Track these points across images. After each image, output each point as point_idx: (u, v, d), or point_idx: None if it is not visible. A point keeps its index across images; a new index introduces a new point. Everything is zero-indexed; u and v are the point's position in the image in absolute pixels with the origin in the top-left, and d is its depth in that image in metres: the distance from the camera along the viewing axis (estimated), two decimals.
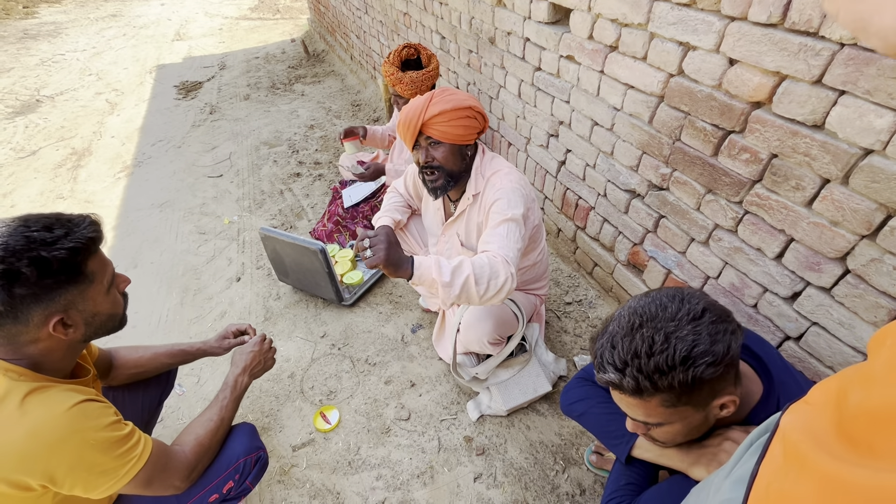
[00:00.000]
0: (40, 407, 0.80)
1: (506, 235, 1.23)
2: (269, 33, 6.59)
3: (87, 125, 4.14)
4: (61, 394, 0.83)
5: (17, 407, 0.78)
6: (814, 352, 1.16)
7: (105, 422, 0.85)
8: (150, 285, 2.30)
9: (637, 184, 1.56)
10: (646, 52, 1.35)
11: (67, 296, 0.83)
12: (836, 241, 1.03)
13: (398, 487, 1.42)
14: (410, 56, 2.15)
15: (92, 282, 0.86)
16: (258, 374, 1.27)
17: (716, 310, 0.75)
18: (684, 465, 0.91)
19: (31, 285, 0.77)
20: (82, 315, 0.86)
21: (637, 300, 0.81)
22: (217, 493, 1.06)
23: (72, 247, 0.81)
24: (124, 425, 0.89)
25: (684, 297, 0.78)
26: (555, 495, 1.37)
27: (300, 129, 3.73)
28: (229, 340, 1.36)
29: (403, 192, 1.68)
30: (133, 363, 1.22)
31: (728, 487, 0.49)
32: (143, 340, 2.00)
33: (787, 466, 0.34)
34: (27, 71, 5.56)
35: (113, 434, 0.85)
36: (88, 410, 0.84)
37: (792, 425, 0.39)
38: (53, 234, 0.80)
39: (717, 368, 0.72)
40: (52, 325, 0.81)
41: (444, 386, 1.70)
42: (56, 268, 0.79)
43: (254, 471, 1.14)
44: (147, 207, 2.93)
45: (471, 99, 1.34)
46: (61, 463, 0.79)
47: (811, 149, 1.01)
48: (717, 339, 0.72)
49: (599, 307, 1.94)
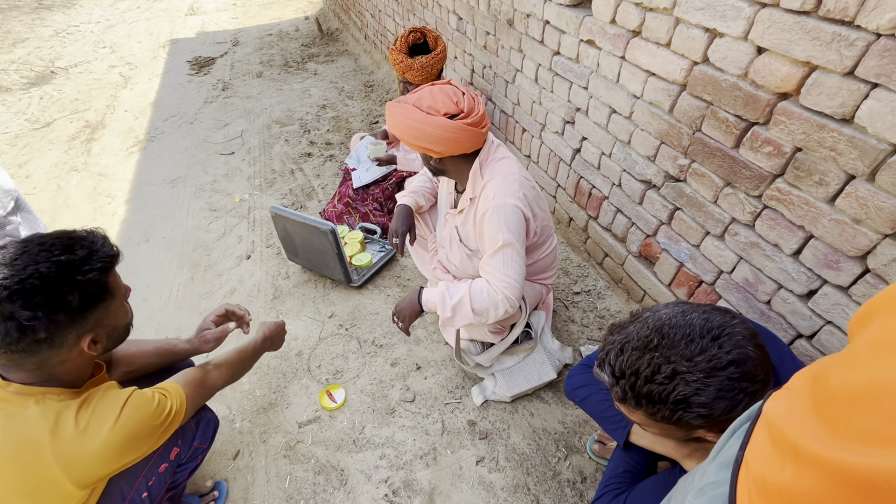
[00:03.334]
0: (97, 417, 0.84)
1: (503, 264, 1.24)
2: (283, 10, 6.50)
3: (100, 98, 4.15)
4: (106, 397, 0.88)
5: (74, 424, 0.82)
6: (826, 351, 1.15)
7: (153, 404, 0.92)
8: (162, 260, 2.33)
9: (653, 174, 1.53)
10: (670, 38, 1.31)
11: (97, 314, 0.85)
12: (857, 240, 1.00)
13: (401, 467, 1.44)
14: (417, 40, 2.11)
15: (114, 297, 0.89)
16: (271, 347, 1.36)
17: (747, 364, 0.67)
18: (678, 455, 0.91)
19: (72, 310, 0.79)
20: (106, 330, 0.89)
21: (672, 313, 0.74)
22: (165, 462, 1.07)
23: (101, 266, 0.83)
24: (163, 397, 0.96)
25: (722, 335, 0.69)
26: (556, 482, 1.38)
27: (312, 109, 3.71)
28: (209, 331, 1.27)
29: (430, 174, 1.67)
30: (126, 361, 1.19)
31: (713, 471, 0.49)
32: (155, 314, 2.03)
33: (780, 456, 0.33)
34: (42, 42, 5.56)
35: (161, 411, 0.93)
36: (136, 401, 0.90)
37: (775, 412, 0.39)
38: (77, 255, 0.81)
39: (709, 421, 0.68)
40: (86, 344, 0.84)
41: (450, 370, 1.71)
42: (91, 290, 0.81)
43: (198, 432, 1.16)
44: (159, 182, 2.94)
45: (433, 128, 1.18)
46: (137, 451, 0.90)
47: (838, 143, 0.98)
48: (725, 396, 0.66)
49: (608, 298, 1.93)
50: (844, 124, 0.97)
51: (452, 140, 1.20)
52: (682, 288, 1.57)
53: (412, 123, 1.20)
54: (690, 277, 1.52)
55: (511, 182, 1.25)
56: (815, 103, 1.00)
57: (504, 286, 1.22)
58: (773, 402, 0.41)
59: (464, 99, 1.22)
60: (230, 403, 1.64)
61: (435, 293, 1.31)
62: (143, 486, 1.02)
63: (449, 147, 1.22)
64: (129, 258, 2.33)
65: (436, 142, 1.20)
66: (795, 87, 1.03)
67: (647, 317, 0.77)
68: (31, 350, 0.78)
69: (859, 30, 0.89)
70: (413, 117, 1.19)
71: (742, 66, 1.13)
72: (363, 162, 2.51)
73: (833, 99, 0.96)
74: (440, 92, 1.21)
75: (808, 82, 1.00)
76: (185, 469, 1.16)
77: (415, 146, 1.24)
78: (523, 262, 1.26)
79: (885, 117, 0.89)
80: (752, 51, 1.10)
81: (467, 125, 1.19)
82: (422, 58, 2.01)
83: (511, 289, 1.22)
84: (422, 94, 1.22)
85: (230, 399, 1.65)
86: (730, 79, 1.17)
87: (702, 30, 1.21)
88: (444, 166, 1.32)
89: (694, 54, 1.25)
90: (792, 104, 1.05)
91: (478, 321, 1.28)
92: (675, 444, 0.89)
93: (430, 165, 1.35)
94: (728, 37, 1.14)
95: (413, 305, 1.38)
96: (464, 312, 1.26)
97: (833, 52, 0.94)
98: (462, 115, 1.19)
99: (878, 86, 0.89)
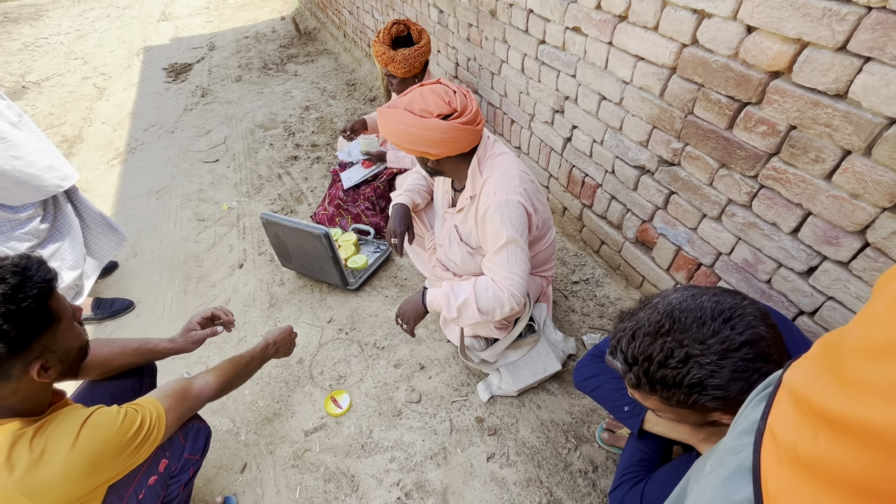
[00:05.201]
0: (53, 441, 0.83)
1: (507, 261, 1.23)
2: (257, 11, 6.38)
3: (75, 111, 4.04)
4: (64, 421, 0.85)
5: (28, 452, 0.80)
6: (829, 326, 1.15)
7: (117, 420, 0.90)
8: (152, 274, 2.28)
9: (647, 160, 1.53)
10: (657, 21, 1.29)
11: (42, 341, 0.82)
12: (855, 214, 1.01)
13: (412, 469, 1.43)
14: (401, 33, 2.08)
15: (59, 320, 0.86)
16: (277, 355, 1.39)
17: (760, 345, 0.67)
18: (694, 440, 0.91)
19: (10, 341, 0.76)
20: (56, 355, 0.86)
21: (682, 297, 0.74)
22: (154, 475, 1.05)
23: (36, 293, 0.80)
24: (133, 411, 0.94)
25: (734, 316, 0.69)
26: (568, 473, 1.38)
27: (295, 111, 3.65)
28: (196, 332, 1.29)
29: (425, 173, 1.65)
30: (100, 362, 1.17)
31: (733, 437, 0.48)
32: (149, 330, 1.99)
33: (810, 426, 0.33)
34: (10, 56, 5.39)
35: (129, 427, 0.91)
36: (97, 420, 0.88)
37: (796, 378, 0.38)
38: (9, 283, 0.78)
39: (725, 403, 0.68)
40: (35, 371, 0.81)
41: (454, 368, 1.70)
42: (29, 318, 0.79)
43: (187, 443, 1.14)
44: (143, 195, 2.88)
45: (428, 131, 1.15)
46: (111, 469, 0.89)
47: (833, 119, 0.98)
48: (739, 376, 0.66)
49: (607, 285, 1.93)
50: (838, 100, 0.96)
51: (449, 141, 1.17)
52: (680, 271, 1.58)
53: (406, 128, 1.16)
54: (689, 260, 1.52)
55: (511, 178, 1.23)
56: (807, 80, 1.00)
57: (509, 283, 1.21)
58: (793, 370, 0.40)
59: (456, 97, 1.19)
60: (233, 416, 1.61)
61: (439, 294, 1.30)
62: (133, 500, 1.00)
63: (446, 148, 1.19)
64: (118, 274, 2.28)
65: (432, 144, 1.17)
66: (787, 64, 1.02)
67: (656, 302, 0.76)
68: None
69: (850, 3, 0.88)
70: (406, 122, 1.16)
71: (732, 46, 1.12)
72: (354, 156, 2.47)
73: (826, 75, 0.96)
74: (431, 93, 1.18)
75: (800, 59, 1.00)
76: (178, 481, 1.14)
77: (411, 150, 1.21)
78: (527, 258, 1.25)
79: (879, 91, 0.89)
80: (741, 30, 1.09)
81: (462, 124, 1.16)
82: (404, 50, 1.98)
83: (516, 286, 1.21)
84: (412, 96, 1.19)
85: (233, 412, 1.63)
86: (720, 59, 1.16)
87: (690, 11, 1.20)
88: (441, 167, 1.30)
89: (683, 37, 1.24)
90: (784, 82, 1.05)
91: (484, 320, 1.27)
92: (691, 429, 0.89)
93: (428, 167, 1.33)
94: (717, 17, 1.13)
95: (417, 307, 1.36)
96: (469, 312, 1.25)
97: (824, 28, 0.93)
98: (456, 115, 1.16)
99: (871, 59, 0.89)
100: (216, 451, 1.51)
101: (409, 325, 1.39)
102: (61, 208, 1.80)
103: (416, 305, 1.37)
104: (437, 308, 1.32)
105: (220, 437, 1.55)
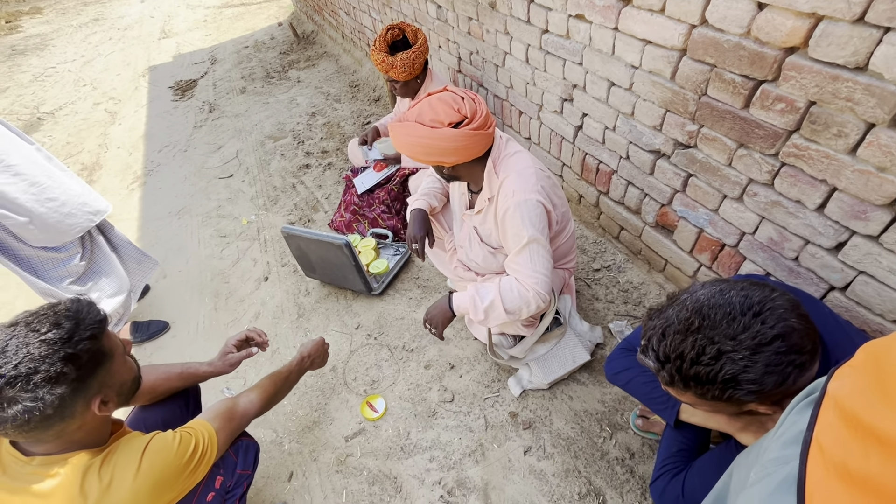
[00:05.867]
0: (119, 469, 0.88)
1: (530, 260, 1.24)
2: (254, 19, 6.40)
3: (91, 138, 4.14)
4: (126, 449, 0.91)
5: (98, 481, 0.86)
6: (861, 301, 1.14)
7: (174, 445, 0.95)
8: (183, 294, 2.35)
9: (661, 143, 1.51)
10: (664, 3, 1.27)
11: (99, 378, 0.88)
12: (883, 188, 0.99)
13: (451, 467, 1.47)
14: (396, 37, 2.08)
15: (113, 357, 0.91)
16: (313, 366, 1.47)
17: (792, 337, 0.67)
18: (732, 429, 0.92)
19: (70, 382, 0.81)
20: (113, 389, 0.92)
21: (710, 293, 0.74)
22: (212, 492, 1.10)
23: (90, 335, 0.85)
24: (187, 435, 1.00)
25: (764, 310, 0.68)
26: (605, 461, 1.41)
27: (302, 118, 3.68)
28: (233, 355, 1.36)
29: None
30: (148, 389, 1.23)
31: (777, 447, 0.49)
32: (185, 349, 2.06)
33: (860, 443, 0.34)
34: (22, 89, 5.54)
35: (185, 450, 0.97)
36: (156, 446, 0.93)
37: (842, 391, 0.38)
38: (65, 328, 0.83)
39: (760, 396, 0.68)
40: (96, 407, 0.87)
41: (483, 365, 1.73)
42: (86, 359, 0.84)
43: (238, 459, 1.20)
44: (165, 216, 2.96)
45: (440, 141, 1.16)
46: (173, 491, 0.95)
47: (854, 93, 0.95)
48: (774, 370, 0.66)
49: (629, 271, 1.93)
50: (859, 73, 0.94)
51: (462, 148, 1.18)
52: (704, 253, 1.56)
53: (418, 140, 1.18)
54: (712, 242, 1.51)
55: (528, 177, 1.24)
56: (825, 55, 0.97)
57: (534, 282, 1.22)
58: (837, 381, 0.41)
59: (464, 103, 1.19)
60: (275, 427, 1.68)
61: (465, 298, 1.31)
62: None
63: (460, 155, 1.20)
64: (150, 297, 2.36)
65: (446, 153, 1.19)
66: (803, 39, 1.00)
67: (684, 298, 0.77)
68: (44, 426, 0.81)
69: None
70: (418, 134, 1.17)
71: (744, 24, 1.10)
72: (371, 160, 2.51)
73: (844, 48, 0.94)
74: (439, 102, 1.19)
75: (816, 34, 0.97)
76: (234, 496, 1.20)
77: (426, 161, 1.23)
78: (550, 256, 1.26)
79: None
80: (752, 7, 1.07)
81: (473, 130, 1.17)
82: (403, 54, 1.98)
83: (541, 284, 1.23)
84: (421, 107, 1.20)
85: (274, 423, 1.69)
86: (732, 38, 1.14)
87: None
88: (457, 172, 1.31)
89: (691, 17, 1.21)
90: (801, 58, 1.02)
91: (511, 320, 1.29)
92: (728, 418, 0.90)
93: (444, 174, 1.34)
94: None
95: (445, 311, 1.39)
96: (496, 314, 1.27)
97: (840, 0, 0.91)
98: (466, 122, 1.17)
99: (890, 30, 0.87)
100: (263, 462, 1.57)
101: (437, 329, 1.41)
102: (97, 243, 1.87)
103: (443, 310, 1.39)
104: (465, 311, 1.34)
105: (265, 448, 1.61)
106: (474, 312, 1.29)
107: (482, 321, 1.30)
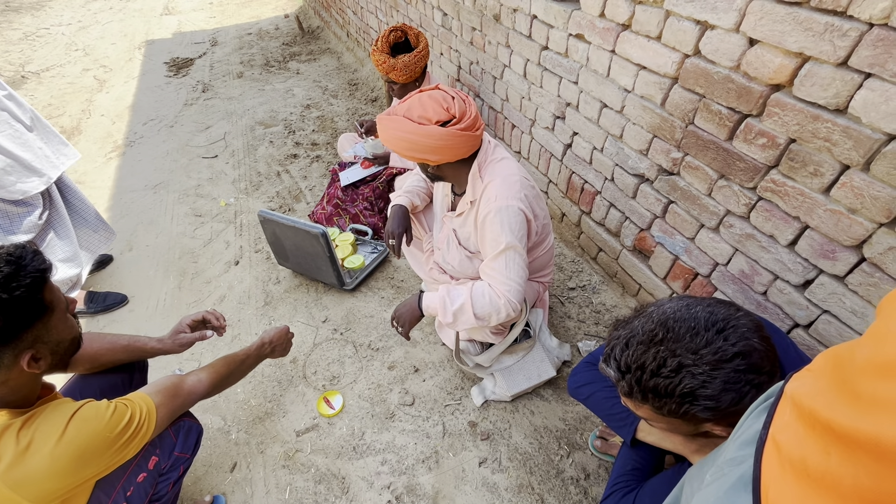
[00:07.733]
0: (41, 433, 0.82)
1: (506, 267, 1.22)
2: (261, 8, 6.38)
3: (75, 103, 4.02)
4: (52, 414, 0.85)
5: (15, 443, 0.80)
6: (823, 339, 1.16)
7: (106, 414, 0.89)
8: (147, 268, 2.26)
9: (646, 168, 1.53)
10: (660, 31, 1.30)
11: (34, 331, 0.82)
12: (853, 229, 1.01)
13: (403, 472, 1.42)
14: (398, 39, 2.09)
15: (52, 311, 0.86)
16: (273, 354, 1.42)
17: (752, 356, 0.67)
18: (687, 451, 0.91)
19: (1, 330, 0.76)
20: (48, 346, 0.86)
21: (677, 306, 0.74)
22: (144, 472, 1.04)
23: (29, 283, 0.79)
24: (123, 406, 0.93)
25: (727, 328, 0.69)
26: (559, 480, 1.38)
27: (296, 109, 3.64)
28: (186, 335, 1.28)
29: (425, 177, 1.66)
30: (90, 357, 1.16)
31: (734, 448, 0.48)
32: (142, 324, 1.97)
33: (819, 440, 0.33)
34: (10, 45, 5.36)
35: (118, 421, 0.90)
36: (86, 413, 0.87)
37: (800, 391, 0.39)
38: (2, 272, 0.77)
39: (717, 413, 0.68)
40: (26, 362, 0.81)
41: (448, 371, 1.70)
42: (20, 307, 0.78)
43: (178, 440, 1.13)
44: (141, 189, 2.86)
45: (426, 138, 1.16)
46: (99, 464, 0.88)
47: (832, 134, 0.98)
48: (731, 388, 0.66)
49: (603, 293, 1.93)
50: (838, 115, 0.97)
51: (447, 147, 1.17)
52: (677, 281, 1.58)
53: (404, 135, 1.17)
54: (686, 270, 1.52)
55: (512, 183, 1.23)
56: (808, 94, 1.00)
57: (507, 289, 1.21)
58: (796, 382, 0.40)
59: (454, 103, 1.19)
60: (224, 414, 1.60)
61: (435, 298, 1.29)
62: (121, 497, 0.99)
63: (445, 154, 1.19)
64: (112, 268, 2.27)
65: (431, 151, 1.18)
66: (788, 78, 1.03)
67: (651, 311, 0.76)
68: None
69: (852, 20, 0.89)
70: (405, 129, 1.16)
71: (734, 58, 1.13)
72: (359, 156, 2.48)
73: (826, 90, 0.97)
74: (429, 99, 1.18)
75: (802, 73, 1.00)
76: (168, 479, 1.13)
77: (410, 157, 1.21)
78: (525, 265, 1.24)
79: (879, 107, 0.89)
80: (744, 43, 1.10)
81: (460, 131, 1.16)
82: (404, 57, 1.98)
83: (513, 292, 1.21)
84: (411, 103, 1.19)
85: (224, 410, 1.61)
86: (722, 71, 1.17)
87: (693, 22, 1.20)
88: (441, 172, 1.30)
89: (685, 47, 1.24)
90: (785, 95, 1.05)
91: (480, 325, 1.26)
92: (684, 439, 0.89)
93: (428, 173, 1.32)
94: (719, 29, 1.14)
95: (413, 311, 1.36)
96: (465, 317, 1.25)
97: (826, 43, 0.94)
98: (454, 121, 1.16)
99: (871, 76, 0.90)
100: (206, 449, 1.50)
101: (404, 328, 1.38)
102: (55, 203, 1.79)
103: (412, 309, 1.36)
104: (434, 312, 1.31)
105: (211, 436, 1.53)
106: (443, 314, 1.27)
107: (450, 324, 1.28)
